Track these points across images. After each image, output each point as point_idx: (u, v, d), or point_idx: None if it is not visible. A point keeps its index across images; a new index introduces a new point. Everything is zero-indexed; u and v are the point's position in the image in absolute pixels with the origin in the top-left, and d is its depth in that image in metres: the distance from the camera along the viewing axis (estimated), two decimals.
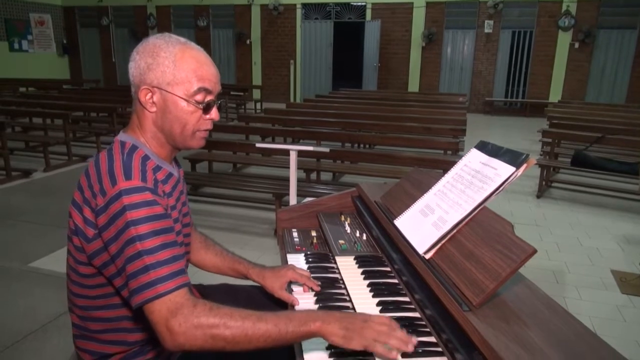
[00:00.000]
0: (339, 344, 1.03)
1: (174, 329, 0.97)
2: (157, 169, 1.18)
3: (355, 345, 1.02)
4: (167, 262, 1.01)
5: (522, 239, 1.05)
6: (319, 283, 1.40)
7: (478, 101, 13.06)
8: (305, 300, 1.35)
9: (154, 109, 1.16)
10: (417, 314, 1.24)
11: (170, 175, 1.23)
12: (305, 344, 1.11)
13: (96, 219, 1.06)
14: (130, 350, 1.21)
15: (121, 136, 1.19)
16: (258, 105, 12.27)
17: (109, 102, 8.17)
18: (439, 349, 1.08)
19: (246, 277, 1.49)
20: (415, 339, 1.06)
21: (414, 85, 13.30)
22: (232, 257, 1.53)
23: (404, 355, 1.05)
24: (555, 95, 12.23)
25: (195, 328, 0.97)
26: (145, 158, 1.15)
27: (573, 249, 3.92)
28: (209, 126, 1.22)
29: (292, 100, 13.57)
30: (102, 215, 1.05)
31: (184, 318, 0.97)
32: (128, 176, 1.05)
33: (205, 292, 1.53)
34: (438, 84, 13.18)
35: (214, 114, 1.20)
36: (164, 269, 1.00)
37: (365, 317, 1.07)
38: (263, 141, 6.25)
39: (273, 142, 6.57)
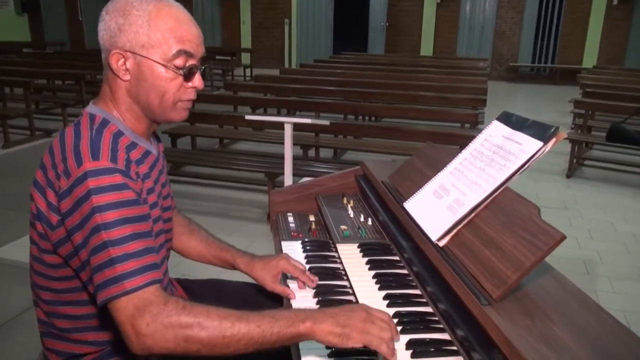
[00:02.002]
0: (336, 344, 1.02)
1: (140, 329, 0.96)
2: (132, 146, 1.17)
3: (355, 343, 1.02)
4: (136, 254, 1.00)
5: (549, 223, 1.06)
6: (316, 279, 1.40)
7: (501, 67, 12.97)
8: (302, 293, 1.36)
9: (127, 77, 1.15)
10: (429, 309, 1.25)
11: (147, 153, 1.22)
12: (303, 346, 1.12)
13: (59, 203, 1.06)
14: (103, 351, 1.22)
15: (91, 108, 1.18)
16: (247, 72, 12.17)
17: (76, 67, 8.10)
18: (454, 348, 1.09)
19: (234, 267, 1.50)
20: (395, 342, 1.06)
21: (427, 49, 13.18)
22: (219, 244, 1.53)
23: (414, 354, 1.06)
24: (589, 60, 12.14)
25: (165, 328, 0.96)
26: (118, 134, 1.14)
27: (607, 236, 3.95)
28: (192, 96, 1.20)
29: (286, 65, 13.47)
30: (66, 200, 1.04)
31: (153, 317, 0.96)
32: (95, 156, 1.04)
33: (190, 288, 1.54)
34: (455, 47, 13.06)
35: (197, 81, 1.19)
36: (132, 263, 0.99)
37: (364, 309, 1.07)
38: (253, 113, 6.22)
39: (265, 114, 6.55)
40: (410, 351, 1.08)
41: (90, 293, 1.13)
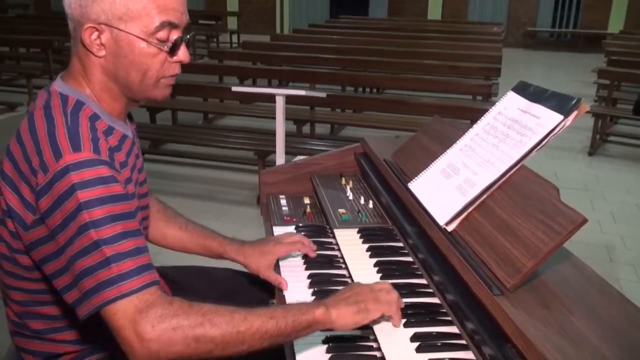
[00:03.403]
0: (357, 322, 1.11)
1: (145, 333, 0.95)
2: (109, 131, 1.14)
3: (375, 313, 1.12)
4: (130, 254, 0.99)
5: (569, 206, 1.06)
6: (315, 247, 1.46)
7: (517, 32, 12.90)
8: (296, 283, 1.37)
9: (102, 53, 1.10)
10: (436, 300, 1.26)
11: (124, 138, 1.20)
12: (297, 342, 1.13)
13: (37, 201, 1.03)
14: (83, 349, 1.22)
15: (60, 86, 1.14)
16: (234, 38, 12.07)
17: (42, 33, 8.01)
18: (463, 342, 1.10)
19: (222, 257, 1.50)
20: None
21: (435, 12, 13.08)
22: (202, 231, 1.52)
23: (419, 349, 1.07)
24: (615, 24, 12.07)
25: (173, 330, 0.96)
26: (94, 118, 1.11)
27: (631, 220, 3.97)
28: (177, 70, 1.17)
29: (278, 31, 13.35)
30: (45, 197, 1.01)
31: (158, 319, 0.96)
32: (76, 146, 1.01)
33: (173, 278, 1.54)
34: (466, 11, 12.97)
35: (183, 54, 1.16)
36: (128, 263, 0.98)
37: (362, 284, 1.18)
38: (241, 84, 6.18)
39: (254, 85, 6.51)
40: (416, 345, 1.09)
41: None
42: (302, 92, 3.36)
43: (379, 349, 1.10)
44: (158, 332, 0.95)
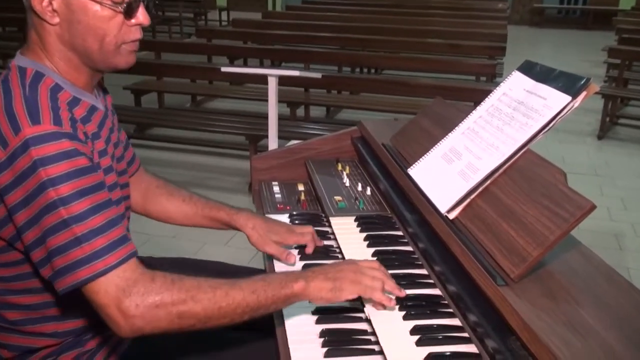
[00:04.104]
0: (329, 299, 1.15)
1: (129, 310, 1.00)
2: (74, 102, 1.15)
3: (348, 294, 1.15)
4: (102, 229, 1.02)
5: (577, 191, 1.06)
6: (323, 244, 1.49)
7: (523, 8, 12.86)
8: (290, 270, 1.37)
9: (56, 20, 1.10)
10: (437, 291, 1.26)
11: (93, 109, 1.20)
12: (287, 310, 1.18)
13: None
14: (63, 342, 1.23)
15: (19, 60, 1.14)
16: (224, 15, 11.99)
17: (19, 11, 7.92)
18: (465, 335, 1.11)
19: (229, 225, 1.51)
20: (404, 291, 1.20)
21: None
22: (207, 202, 1.54)
23: (419, 342, 1.08)
24: (627, 0, 12.04)
25: (157, 307, 1.01)
26: (56, 89, 1.11)
27: None
28: (138, 35, 1.17)
29: (270, 8, 13.27)
30: (4, 173, 1.02)
31: (141, 297, 1.01)
32: (35, 119, 1.02)
33: (157, 268, 1.54)
34: None
35: (142, 16, 1.16)
36: (101, 239, 1.01)
37: (353, 261, 1.23)
38: (231, 64, 6.15)
39: (245, 65, 6.48)
40: (416, 338, 1.10)
41: (43, 279, 1.13)
42: (296, 73, 3.35)
43: (377, 342, 1.10)
44: (142, 310, 1.01)
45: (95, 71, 1.20)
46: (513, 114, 1.29)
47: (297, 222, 1.61)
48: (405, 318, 1.15)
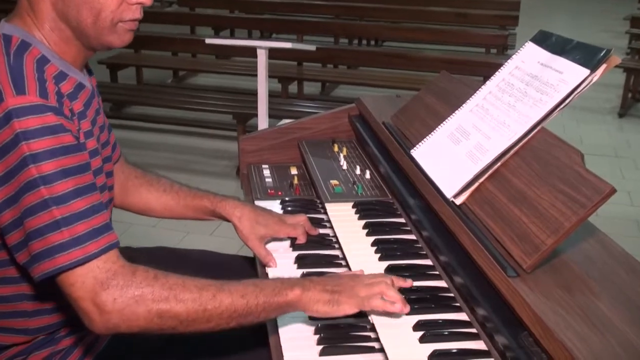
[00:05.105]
0: (325, 313, 1.13)
1: (105, 305, 1.00)
2: (62, 77, 1.15)
3: (347, 309, 1.13)
4: (84, 214, 1.02)
5: (595, 174, 1.06)
6: (317, 232, 1.49)
7: None
8: (281, 266, 1.38)
9: None
10: (442, 283, 1.27)
11: (80, 86, 1.21)
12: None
13: None
14: (35, 340, 1.23)
15: (4, 27, 1.14)
16: None
17: None
18: (473, 330, 1.12)
19: (213, 214, 1.51)
20: (407, 307, 1.14)
21: None
22: (190, 191, 1.54)
23: (423, 338, 1.09)
24: None
25: (136, 303, 1.01)
26: (42, 61, 1.11)
27: None
28: (137, 14, 1.17)
29: None
30: None
31: (120, 290, 1.01)
32: (20, 89, 1.02)
33: (138, 259, 1.55)
34: None
35: None
36: (82, 225, 1.01)
37: (353, 275, 1.22)
38: (217, 36, 6.12)
39: (232, 37, 6.44)
40: (419, 334, 1.10)
41: (20, 268, 1.13)
42: (288, 45, 3.33)
43: (377, 339, 1.11)
44: (119, 305, 1.01)
45: (87, 48, 1.20)
46: (526, 89, 1.28)
47: (289, 208, 1.61)
48: (408, 313, 1.16)
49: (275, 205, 1.63)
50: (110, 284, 1.01)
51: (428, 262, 1.34)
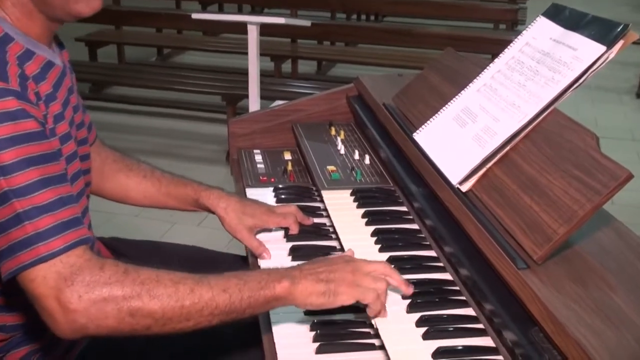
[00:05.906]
0: (320, 305, 1.09)
1: (70, 303, 0.97)
2: (26, 56, 1.14)
3: (345, 299, 1.09)
4: (49, 207, 1.01)
5: (611, 159, 1.06)
6: (312, 221, 1.48)
7: None
8: (274, 258, 1.38)
9: None
10: (447, 276, 1.27)
11: (49, 65, 1.20)
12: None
13: None
14: (12, 338, 1.23)
15: None
16: None
17: None
18: (480, 326, 1.12)
19: (198, 206, 1.50)
20: (412, 287, 1.16)
21: None
22: (171, 177, 1.54)
23: (425, 335, 1.09)
24: None
25: (104, 301, 0.98)
26: (5, 40, 1.10)
27: None
28: None
29: None
30: None
31: (86, 287, 0.98)
32: None
33: (120, 250, 1.55)
34: None
35: None
36: (47, 219, 1.00)
37: (348, 259, 1.17)
38: (204, 11, 6.09)
39: (220, 11, 6.41)
40: (422, 330, 1.10)
41: None
42: (281, 20, 3.32)
43: (377, 335, 1.11)
44: (85, 303, 0.97)
45: (52, 21, 1.18)
46: (537, 67, 1.28)
47: (283, 196, 1.61)
48: (410, 308, 1.16)
49: (267, 193, 1.63)
50: (75, 279, 0.97)
51: (432, 253, 1.35)
